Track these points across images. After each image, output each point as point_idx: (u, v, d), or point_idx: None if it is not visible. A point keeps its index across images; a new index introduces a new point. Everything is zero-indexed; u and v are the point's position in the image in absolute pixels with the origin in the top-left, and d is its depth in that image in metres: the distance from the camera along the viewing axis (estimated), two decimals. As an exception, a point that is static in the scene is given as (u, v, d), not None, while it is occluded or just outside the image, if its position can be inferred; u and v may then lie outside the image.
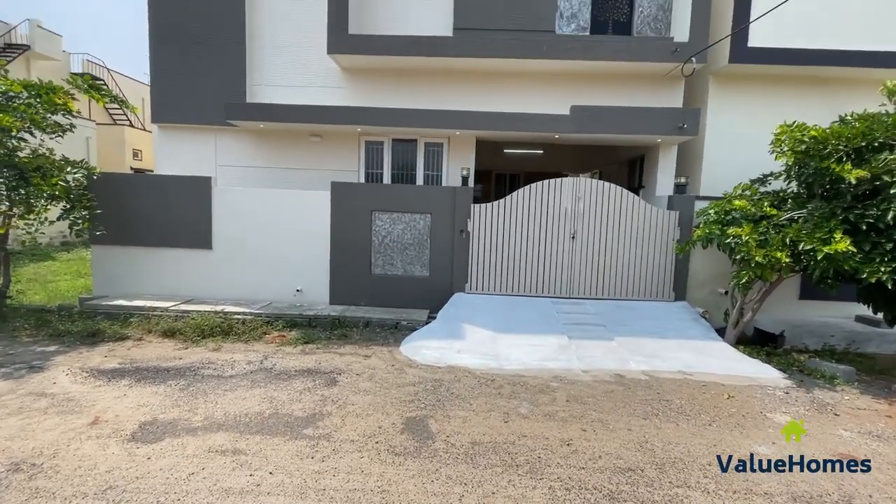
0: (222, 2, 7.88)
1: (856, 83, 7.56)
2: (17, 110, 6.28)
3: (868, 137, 5.23)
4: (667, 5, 7.89)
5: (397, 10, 8.01)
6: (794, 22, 6.95)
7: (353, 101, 8.04)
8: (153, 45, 8.04)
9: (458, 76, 8.00)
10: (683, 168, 8.29)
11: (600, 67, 7.71)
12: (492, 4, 7.65)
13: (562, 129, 7.44)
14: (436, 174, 8.30)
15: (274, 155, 8.32)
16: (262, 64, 8.12)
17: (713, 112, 7.94)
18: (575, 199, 7.10)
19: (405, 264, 7.28)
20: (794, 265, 5.42)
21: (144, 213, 7.22)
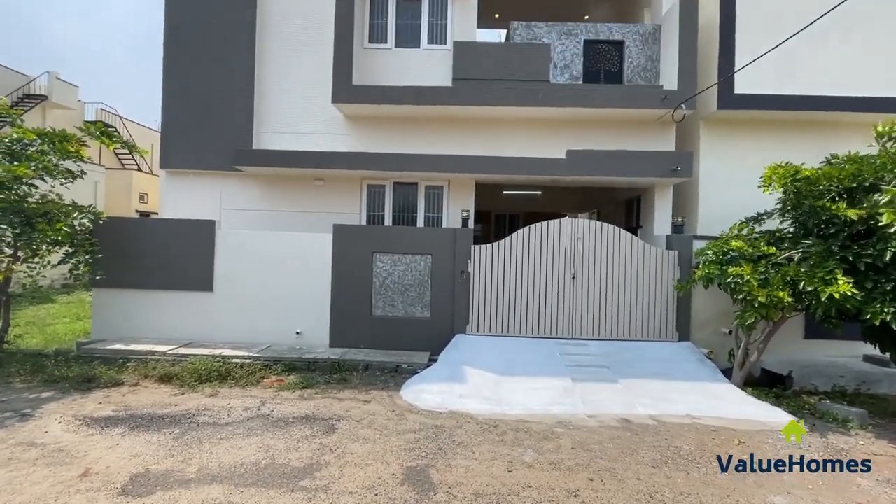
0: (234, 57, 8.30)
1: (841, 126, 7.83)
2: (31, 158, 6.50)
3: (858, 178, 5.37)
4: (655, 56, 8.33)
5: (399, 61, 8.44)
6: (778, 69, 7.27)
7: (355, 146, 8.31)
8: (166, 96, 8.41)
9: (457, 122, 8.30)
10: (680, 208, 8.43)
11: (594, 114, 8.02)
12: (488, 57, 8.07)
13: (558, 172, 7.64)
14: (436, 216, 8.43)
15: (278, 199, 8.50)
16: (269, 112, 8.45)
17: (705, 154, 8.17)
18: (574, 239, 7.18)
19: (406, 306, 7.26)
20: (796, 304, 5.42)
21: (147, 256, 7.29)
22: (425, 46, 8.45)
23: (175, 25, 8.45)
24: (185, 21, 8.43)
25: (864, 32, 7.48)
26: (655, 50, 8.31)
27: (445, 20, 8.44)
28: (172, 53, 8.44)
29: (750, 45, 7.38)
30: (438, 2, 8.46)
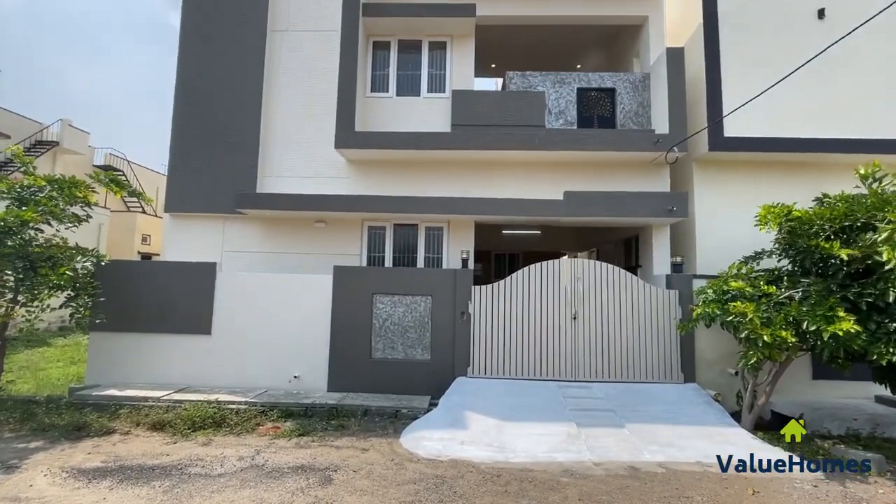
0: (242, 107, 8.64)
1: (830, 165, 8.02)
2: (39, 203, 6.63)
3: (851, 218, 5.46)
4: (645, 102, 8.67)
5: (400, 108, 8.78)
6: (765, 113, 7.52)
7: (357, 189, 8.49)
8: (174, 143, 8.69)
9: (456, 165, 8.52)
10: (678, 247, 8.49)
11: (590, 157, 8.24)
12: (486, 104, 8.41)
13: (556, 213, 7.76)
14: (436, 256, 8.48)
15: (279, 240, 8.58)
16: (273, 157, 8.70)
17: (700, 194, 8.33)
18: (574, 279, 7.19)
19: (406, 347, 7.17)
20: (800, 344, 5.36)
21: (147, 298, 7.29)
22: (425, 95, 8.82)
23: (186, 78, 8.86)
24: (196, 74, 8.85)
25: (845, 77, 7.82)
26: (646, 96, 8.66)
27: (444, 70, 8.86)
28: (183, 103, 8.79)
29: (736, 91, 7.70)
30: (437, 54, 8.92)
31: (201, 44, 8.92)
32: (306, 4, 9.01)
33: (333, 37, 8.61)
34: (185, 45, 8.97)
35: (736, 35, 8.06)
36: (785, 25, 8.04)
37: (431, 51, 8.94)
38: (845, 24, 6.90)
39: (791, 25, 8.03)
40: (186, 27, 9.00)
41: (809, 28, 8.00)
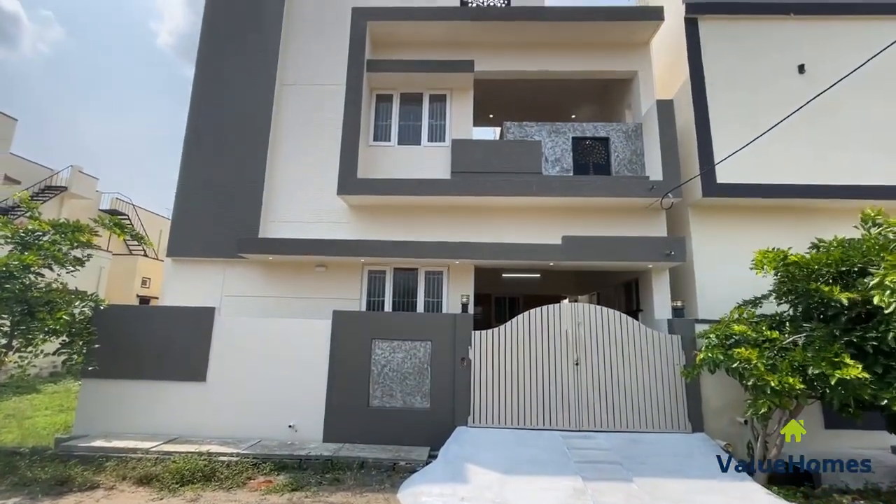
0: (248, 155, 8.93)
1: (823, 210, 8.18)
2: (42, 248, 6.69)
3: (847, 263, 5.50)
4: (639, 150, 8.96)
5: (401, 156, 9.07)
6: (756, 160, 7.74)
7: (358, 234, 8.59)
8: (180, 189, 8.90)
9: (456, 211, 8.68)
10: (678, 291, 8.49)
11: (587, 202, 8.42)
12: (484, 152, 8.69)
13: (555, 257, 7.82)
14: (436, 301, 8.45)
15: (279, 285, 8.58)
16: (277, 203, 8.88)
17: (697, 238, 8.43)
18: (575, 324, 7.13)
19: (405, 395, 6.99)
20: (809, 392, 5.24)
21: (142, 344, 7.20)
22: (426, 144, 9.13)
23: (197, 127, 9.21)
24: (206, 124, 9.21)
25: (831, 126, 8.14)
26: (639, 145, 8.96)
27: (444, 121, 9.23)
28: (192, 151, 9.10)
29: (726, 138, 8.01)
30: (437, 106, 9.33)
31: (213, 96, 9.35)
32: (314, 61, 9.53)
33: (339, 90, 9.03)
34: (197, 97, 9.39)
35: (722, 88, 8.48)
36: (769, 79, 8.48)
37: (432, 103, 9.35)
38: (825, 79, 7.29)
39: (775, 79, 8.47)
40: (200, 80, 9.46)
41: (792, 81, 8.44)
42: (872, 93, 8.24)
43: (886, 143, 8.13)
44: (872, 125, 8.21)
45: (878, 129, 8.20)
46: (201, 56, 9.64)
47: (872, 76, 7.23)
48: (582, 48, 9.47)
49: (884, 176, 7.92)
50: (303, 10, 9.89)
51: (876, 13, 8.62)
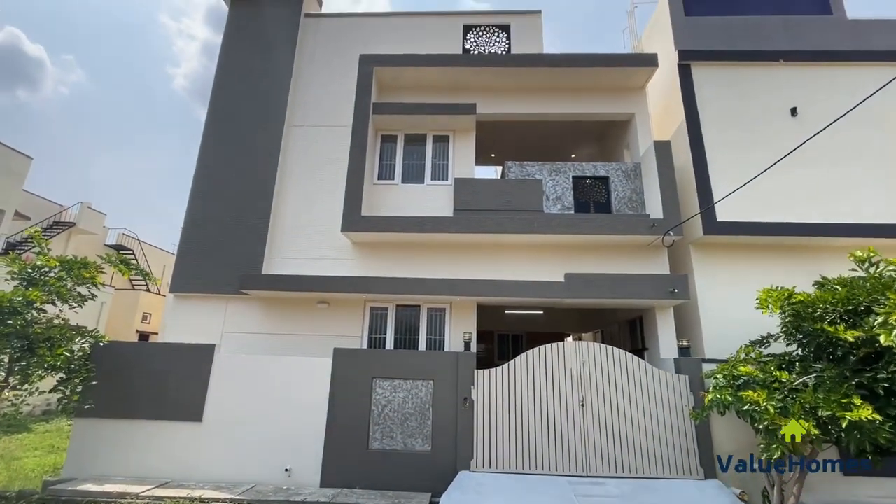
0: (255, 192, 9.14)
1: (826, 249, 8.19)
2: (47, 284, 6.73)
3: (853, 302, 5.45)
4: (638, 189, 9.11)
5: (404, 194, 9.24)
6: (755, 198, 7.83)
7: (361, 270, 8.63)
8: (187, 226, 9.04)
9: (458, 248, 8.74)
10: (683, 329, 8.38)
11: (588, 240, 8.47)
12: (486, 190, 8.85)
13: (557, 295, 7.79)
14: (438, 338, 8.36)
15: (280, 321, 8.54)
16: (280, 240, 8.99)
17: (700, 276, 8.41)
18: (580, 363, 7.01)
19: (405, 437, 6.78)
20: (824, 436, 5.06)
21: (139, 382, 7.09)
22: (429, 182, 9.33)
23: (206, 165, 9.48)
24: (215, 162, 9.49)
25: (829, 165, 8.29)
26: (638, 184, 9.12)
27: (447, 160, 9.47)
28: (200, 188, 9.31)
29: (724, 177, 8.15)
30: (441, 146, 9.60)
31: (223, 135, 9.68)
32: (322, 104, 9.92)
33: (345, 131, 9.34)
34: (208, 136, 9.72)
35: (718, 129, 8.72)
36: (763, 120, 8.73)
37: (435, 143, 9.63)
38: (818, 121, 7.51)
39: (768, 121, 8.72)
40: (211, 120, 9.83)
41: (786, 123, 8.68)
42: (869, 132, 8.45)
43: (885, 181, 8.26)
44: (870, 163, 8.36)
45: (877, 167, 8.35)
46: (214, 98, 10.05)
47: (868, 115, 7.44)
48: (580, 92, 9.83)
49: (884, 214, 7.99)
50: (313, 55, 10.40)
51: (862, 60, 8.98)
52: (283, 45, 10.31)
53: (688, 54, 9.30)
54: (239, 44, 10.52)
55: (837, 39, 9.30)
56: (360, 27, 10.73)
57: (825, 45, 9.22)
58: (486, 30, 10.56)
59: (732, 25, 9.60)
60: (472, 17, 10.76)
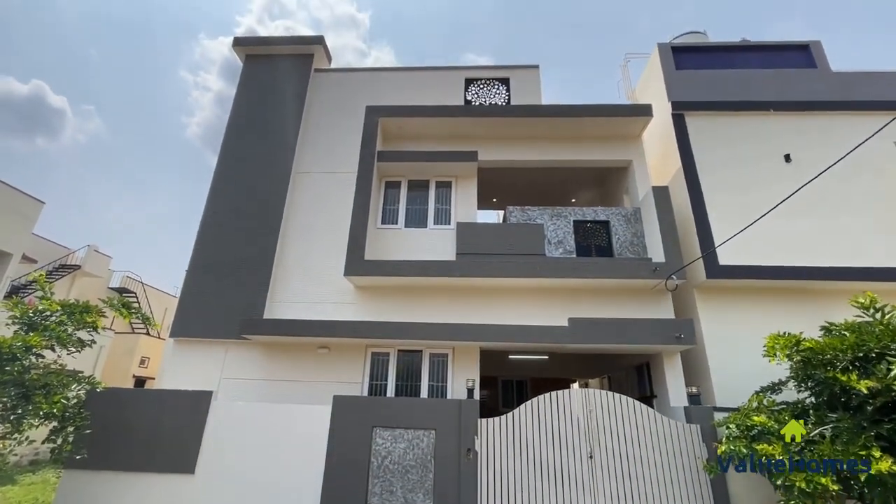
0: (261, 238, 9.28)
1: (831, 292, 8.13)
2: (48, 328, 6.68)
3: (863, 349, 5.35)
4: (639, 233, 9.20)
5: (407, 238, 9.36)
6: (756, 242, 7.89)
7: (363, 315, 8.58)
8: (191, 271, 9.11)
9: (461, 292, 8.73)
10: (692, 374, 8.19)
11: (591, 283, 8.46)
12: (489, 234, 8.96)
13: (561, 339, 7.69)
14: (440, 385, 8.17)
15: (280, 367, 8.40)
16: (284, 283, 9.01)
17: (705, 320, 8.32)
18: (587, 411, 6.79)
19: (406, 492, 6.47)
20: (846, 492, 4.81)
21: (133, 430, 6.88)
22: (431, 227, 9.47)
23: (214, 210, 9.69)
24: (222, 207, 9.70)
25: (828, 210, 8.44)
26: (639, 228, 9.22)
27: (449, 206, 9.66)
28: (206, 233, 9.47)
29: (724, 221, 8.27)
30: (443, 191, 9.83)
31: (232, 181, 9.96)
32: (328, 151, 10.28)
33: (350, 177, 9.61)
34: (217, 182, 10.00)
35: (715, 174, 8.94)
36: (758, 166, 8.97)
37: (438, 188, 9.86)
38: (812, 166, 7.69)
39: (764, 166, 8.95)
40: (221, 167, 10.15)
41: (781, 168, 8.89)
42: (865, 178, 8.62)
43: (884, 225, 8.32)
44: (868, 208, 8.47)
45: (876, 211, 8.44)
46: (225, 145, 10.43)
47: (862, 162, 7.64)
48: (578, 140, 10.16)
49: (884, 257, 8.00)
50: (321, 106, 10.88)
51: (850, 109, 9.33)
52: (294, 98, 10.82)
53: (681, 105, 9.70)
54: (251, 95, 11.05)
55: (825, 91, 9.72)
56: (367, 81, 11.30)
57: (813, 95, 9.63)
58: (486, 83, 11.09)
59: (722, 78, 10.09)
60: (473, 71, 11.33)
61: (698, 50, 11.02)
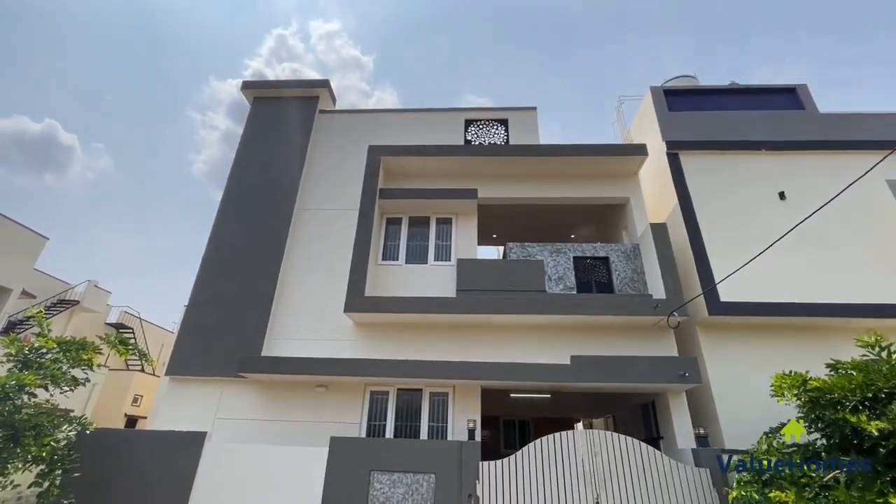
0: (261, 274, 9.29)
1: (836, 329, 8.06)
2: (42, 366, 6.58)
3: (872, 388, 5.25)
4: (639, 269, 9.22)
5: (407, 274, 9.38)
6: (757, 278, 7.85)
7: (362, 352, 8.47)
8: (190, 309, 9.07)
9: (461, 329, 8.65)
10: (698, 414, 7.99)
11: (593, 320, 8.39)
12: (489, 271, 8.99)
13: (564, 378, 7.56)
14: (441, 426, 7.95)
15: (277, 406, 8.20)
16: (283, 320, 8.95)
17: (709, 358, 8.20)
18: (591, 454, 6.58)
19: (404, 542, 6.17)
20: (865, 543, 4.59)
21: (121, 473, 6.68)
22: (432, 263, 9.52)
23: (217, 246, 9.76)
24: (225, 243, 9.78)
25: (829, 244, 8.46)
26: (638, 264, 9.25)
27: (450, 242, 9.75)
28: (207, 271, 9.50)
29: (723, 258, 8.29)
30: (444, 228, 9.94)
31: (235, 217, 10.10)
32: (331, 189, 10.48)
33: (352, 214, 9.73)
34: (221, 217, 10.15)
35: (711, 211, 9.07)
36: (754, 203, 9.10)
37: (438, 225, 9.98)
38: (807, 203, 7.81)
39: (760, 204, 9.08)
40: (226, 202, 10.34)
41: (776, 205, 9.03)
42: (860, 215, 8.72)
43: (884, 262, 8.35)
44: (866, 245, 8.52)
45: (875, 248, 8.49)
46: (230, 182, 10.65)
47: (856, 200, 7.74)
48: (576, 178, 10.37)
49: (884, 294, 7.98)
50: (325, 145, 11.19)
51: (839, 149, 9.58)
52: (299, 137, 11.14)
53: (675, 144, 9.97)
54: (258, 135, 11.39)
55: (813, 131, 10.01)
56: (370, 121, 11.67)
57: (802, 135, 9.91)
58: (486, 123, 11.45)
59: (714, 119, 10.42)
60: (473, 112, 11.72)
61: (689, 93, 11.45)
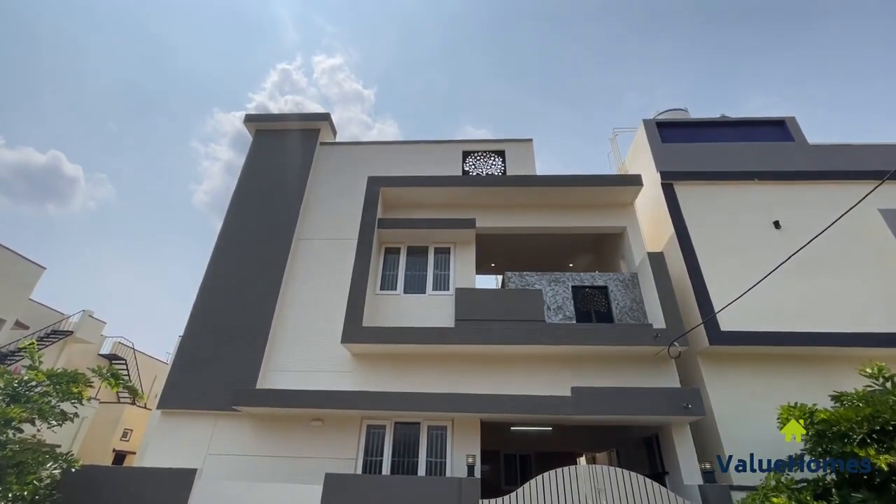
0: (258, 305, 9.22)
1: (839, 359, 7.95)
2: (31, 400, 6.41)
3: (879, 420, 5.15)
4: (638, 298, 9.19)
5: (406, 304, 9.32)
6: (756, 308, 7.85)
7: (359, 385, 8.30)
8: (185, 340, 8.94)
9: (460, 360, 8.52)
10: (704, 448, 7.77)
11: (593, 350, 8.29)
12: (487, 300, 8.94)
13: (565, 410, 7.39)
14: (439, 461, 7.70)
15: (271, 441, 7.96)
16: (279, 351, 8.81)
17: (711, 388, 8.05)
18: (595, 490, 6.36)
19: (401, 587, 5.86)
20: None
21: (108, 515, 6.37)
22: (430, 292, 9.48)
23: (215, 275, 9.73)
24: (224, 272, 9.75)
25: (824, 274, 8.47)
26: (637, 293, 9.23)
27: (448, 271, 9.74)
28: (205, 298, 9.43)
29: (721, 287, 8.28)
30: (442, 257, 9.96)
31: (234, 247, 10.13)
32: (330, 219, 10.56)
33: (350, 244, 9.76)
34: (219, 247, 10.18)
35: (708, 240, 9.14)
36: (750, 232, 9.19)
37: (437, 254, 10.00)
38: (801, 233, 7.87)
39: (755, 232, 9.16)
40: (225, 233, 10.40)
41: (771, 234, 9.10)
42: (854, 241, 8.78)
43: (883, 291, 8.34)
44: (864, 273, 8.54)
45: (873, 277, 8.50)
46: (230, 212, 10.73)
47: (849, 229, 7.81)
48: (572, 208, 10.48)
49: (883, 323, 7.94)
50: (325, 177, 11.35)
51: (829, 179, 9.75)
52: (299, 169, 11.31)
53: (669, 175, 10.14)
54: (259, 166, 11.56)
55: (804, 161, 10.22)
56: (369, 153, 11.90)
57: (793, 166, 10.11)
58: (483, 155, 11.66)
59: (706, 150, 10.65)
60: (470, 144, 11.96)
61: (682, 125, 11.75)
